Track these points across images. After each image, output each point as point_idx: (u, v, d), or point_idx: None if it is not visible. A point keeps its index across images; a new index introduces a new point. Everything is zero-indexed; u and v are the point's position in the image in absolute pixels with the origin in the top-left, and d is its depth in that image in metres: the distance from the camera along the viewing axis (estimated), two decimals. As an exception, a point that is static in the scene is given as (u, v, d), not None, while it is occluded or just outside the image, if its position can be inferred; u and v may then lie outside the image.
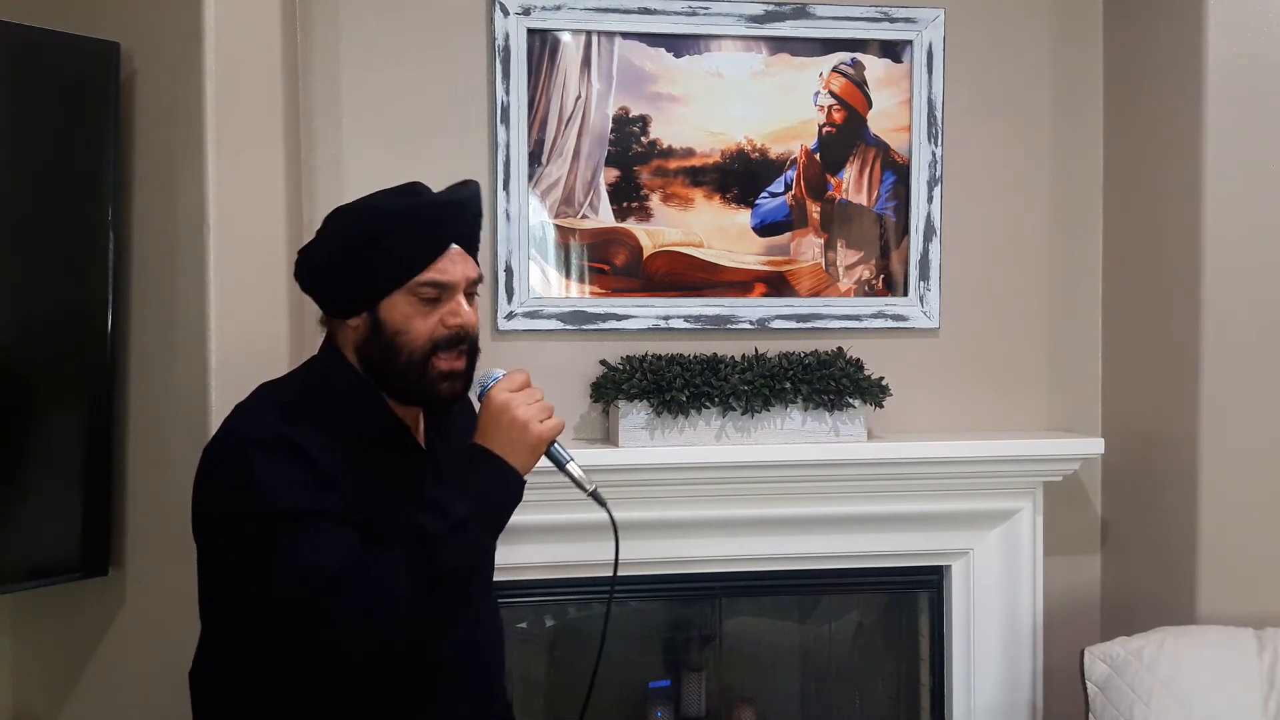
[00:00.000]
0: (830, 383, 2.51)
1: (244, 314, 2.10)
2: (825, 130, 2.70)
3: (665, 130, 2.64)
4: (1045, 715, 2.72)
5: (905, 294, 2.74)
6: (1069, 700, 2.58)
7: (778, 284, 2.70)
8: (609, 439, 2.60)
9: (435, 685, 1.58)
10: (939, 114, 2.72)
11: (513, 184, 2.57)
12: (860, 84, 2.70)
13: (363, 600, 1.39)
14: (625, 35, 2.61)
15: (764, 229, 2.69)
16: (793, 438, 2.53)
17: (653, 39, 2.63)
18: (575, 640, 2.82)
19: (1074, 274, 2.81)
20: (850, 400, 2.52)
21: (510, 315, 2.58)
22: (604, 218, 2.63)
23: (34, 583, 2.05)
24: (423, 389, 1.55)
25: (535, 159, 2.59)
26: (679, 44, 2.64)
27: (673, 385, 2.45)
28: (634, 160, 2.63)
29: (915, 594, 2.79)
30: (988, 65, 2.76)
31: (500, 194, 2.56)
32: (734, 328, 2.67)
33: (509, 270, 2.57)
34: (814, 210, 2.70)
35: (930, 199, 2.72)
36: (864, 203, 2.72)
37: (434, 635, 1.54)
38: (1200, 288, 2.46)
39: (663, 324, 2.64)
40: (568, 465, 1.57)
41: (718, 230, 2.67)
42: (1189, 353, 2.49)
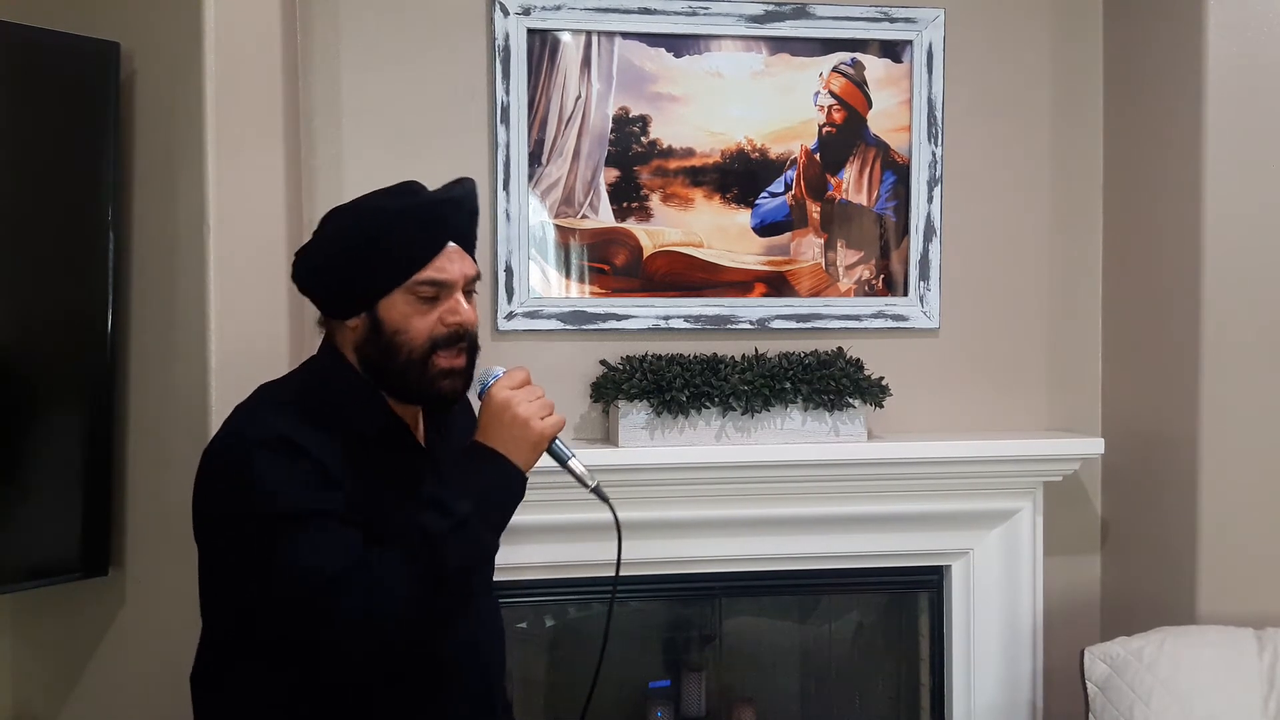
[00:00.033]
0: (830, 383, 2.51)
1: (244, 314, 2.10)
2: (825, 130, 2.70)
3: (665, 130, 2.64)
4: (1045, 715, 2.72)
5: (905, 294, 2.74)
6: (1069, 700, 2.58)
7: (778, 284, 2.70)
8: (609, 439, 2.60)
9: (436, 684, 1.58)
10: (939, 114, 2.72)
11: (513, 184, 2.57)
12: (860, 84, 2.70)
13: (364, 600, 1.39)
14: (625, 35, 2.61)
15: (764, 229, 2.69)
16: (793, 438, 2.53)
17: (653, 39, 2.63)
18: (575, 640, 2.82)
19: (1074, 274, 2.81)
20: (850, 400, 2.52)
21: (510, 315, 2.58)
22: (604, 218, 2.63)
23: (34, 583, 2.05)
24: (423, 387, 1.55)
25: (535, 159, 2.59)
26: (679, 44, 2.64)
27: (673, 385, 2.45)
28: (634, 160, 2.63)
29: (915, 594, 2.78)
30: (988, 65, 2.76)
31: (500, 194, 2.56)
32: (734, 328, 2.67)
33: (509, 270, 2.57)
34: (814, 210, 2.70)
35: (930, 199, 2.72)
36: (864, 203, 2.72)
37: (435, 634, 1.54)
38: (1200, 288, 2.46)
39: (663, 324, 2.64)
40: (570, 462, 1.57)
41: (718, 230, 2.67)
42: (1189, 353, 2.49)
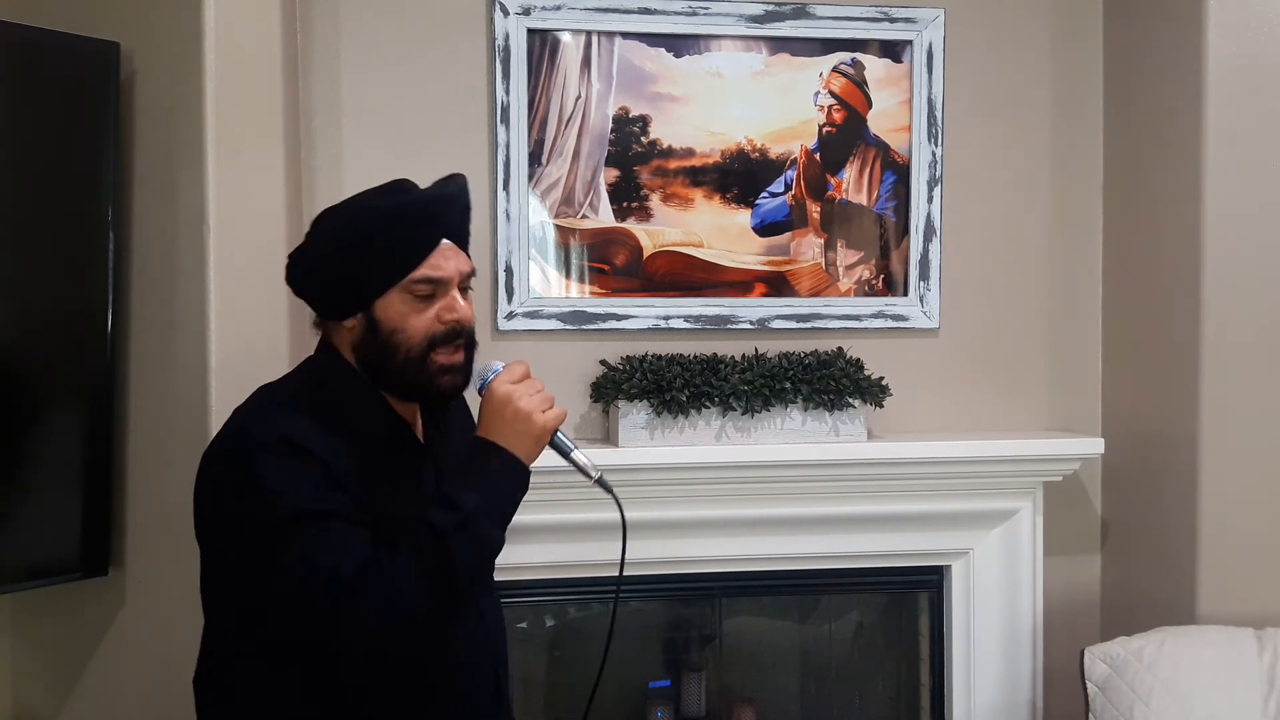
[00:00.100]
0: (830, 383, 2.51)
1: (244, 314, 2.10)
2: (825, 130, 2.70)
3: (665, 130, 2.64)
4: (1045, 715, 2.72)
5: (905, 294, 2.73)
6: (1069, 700, 2.58)
7: (778, 284, 2.70)
8: (609, 439, 2.60)
9: (439, 685, 1.58)
10: (939, 114, 2.72)
11: (513, 184, 2.57)
12: (860, 84, 2.70)
13: (376, 600, 1.39)
14: (625, 35, 2.61)
15: (764, 229, 2.69)
16: (793, 438, 2.52)
17: (653, 39, 2.63)
18: (575, 640, 2.82)
19: (1074, 274, 2.81)
20: (850, 400, 2.52)
21: (510, 315, 2.58)
22: (604, 218, 2.63)
23: (34, 583, 2.05)
24: (423, 384, 1.55)
25: (535, 159, 2.59)
26: (679, 44, 2.64)
27: (673, 385, 2.45)
28: (634, 160, 2.63)
29: (915, 594, 2.78)
30: (988, 65, 2.76)
31: (500, 194, 2.56)
32: (734, 328, 2.67)
33: (509, 270, 2.57)
34: (814, 210, 2.70)
35: (930, 199, 2.72)
36: (864, 203, 2.72)
37: (441, 634, 1.54)
38: (1200, 288, 2.46)
39: (663, 324, 2.64)
40: (573, 454, 1.58)
41: (718, 230, 2.67)
42: (1189, 353, 2.49)
